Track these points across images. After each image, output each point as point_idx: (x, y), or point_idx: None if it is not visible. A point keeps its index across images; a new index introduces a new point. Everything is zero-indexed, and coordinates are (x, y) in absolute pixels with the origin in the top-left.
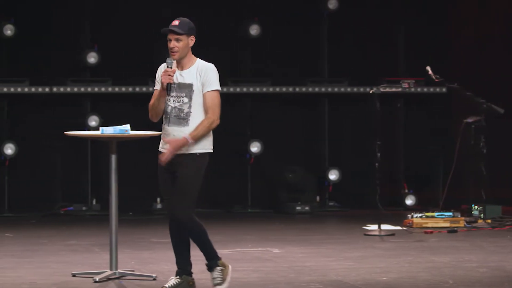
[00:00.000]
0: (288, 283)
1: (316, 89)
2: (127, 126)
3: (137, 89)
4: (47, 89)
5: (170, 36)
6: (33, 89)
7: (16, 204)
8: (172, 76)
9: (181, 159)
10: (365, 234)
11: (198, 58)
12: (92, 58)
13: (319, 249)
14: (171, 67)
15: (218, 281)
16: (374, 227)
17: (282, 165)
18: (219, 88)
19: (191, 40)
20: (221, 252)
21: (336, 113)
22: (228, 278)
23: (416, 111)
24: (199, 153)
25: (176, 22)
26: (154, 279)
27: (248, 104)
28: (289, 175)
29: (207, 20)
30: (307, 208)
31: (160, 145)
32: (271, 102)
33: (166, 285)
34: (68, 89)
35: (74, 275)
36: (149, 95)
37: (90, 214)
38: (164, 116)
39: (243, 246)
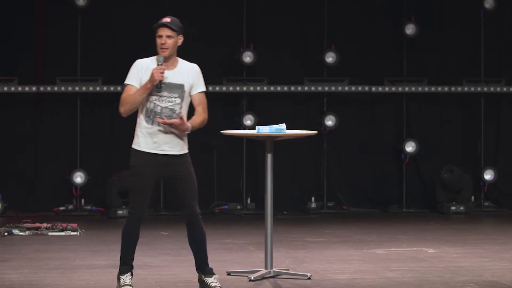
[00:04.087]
0: (443, 283)
1: (472, 89)
2: (283, 125)
3: (292, 88)
4: None
5: (162, 32)
6: None
7: (171, 203)
8: (163, 74)
9: (175, 161)
10: None
11: (179, 58)
12: (248, 57)
13: (474, 249)
14: (161, 64)
15: (218, 286)
16: None
17: (438, 165)
18: (205, 89)
19: (180, 39)
20: (376, 252)
21: (492, 112)
22: None
23: None
24: (188, 152)
25: (167, 19)
26: (309, 278)
27: (404, 103)
28: (445, 175)
29: (363, 19)
30: (462, 208)
31: (145, 145)
32: (427, 102)
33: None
34: (224, 88)
35: (229, 274)
36: (305, 94)
37: (245, 213)
38: (148, 115)
39: (398, 246)
